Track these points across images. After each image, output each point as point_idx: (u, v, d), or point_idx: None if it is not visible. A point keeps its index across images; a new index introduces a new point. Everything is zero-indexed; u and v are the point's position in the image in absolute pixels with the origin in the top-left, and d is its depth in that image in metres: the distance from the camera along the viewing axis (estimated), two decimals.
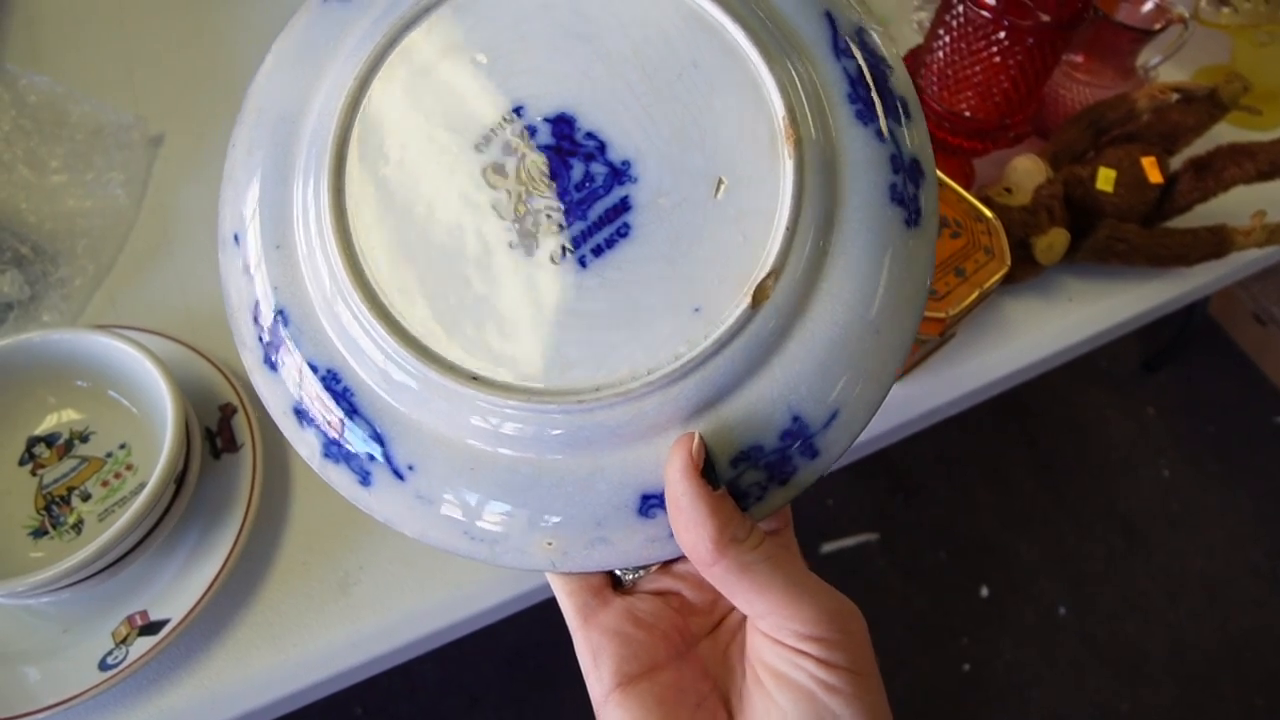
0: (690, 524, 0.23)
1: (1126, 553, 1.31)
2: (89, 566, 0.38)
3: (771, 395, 0.24)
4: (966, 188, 0.60)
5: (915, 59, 0.59)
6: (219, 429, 0.46)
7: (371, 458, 0.25)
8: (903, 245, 0.25)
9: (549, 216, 0.24)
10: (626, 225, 0.24)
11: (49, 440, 0.44)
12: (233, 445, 0.45)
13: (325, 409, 0.25)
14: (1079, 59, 0.64)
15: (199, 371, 0.47)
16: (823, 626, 0.24)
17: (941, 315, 0.47)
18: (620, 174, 0.24)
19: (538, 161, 0.24)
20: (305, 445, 0.26)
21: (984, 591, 1.25)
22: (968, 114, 0.56)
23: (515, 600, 0.45)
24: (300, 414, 0.26)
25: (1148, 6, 0.61)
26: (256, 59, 0.64)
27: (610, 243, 0.24)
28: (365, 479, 0.25)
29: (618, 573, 0.28)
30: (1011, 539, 1.30)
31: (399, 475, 0.25)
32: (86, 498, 0.43)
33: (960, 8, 0.52)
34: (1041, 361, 0.57)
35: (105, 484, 0.43)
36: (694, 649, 0.27)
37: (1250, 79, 0.61)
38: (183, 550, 0.43)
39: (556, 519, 0.24)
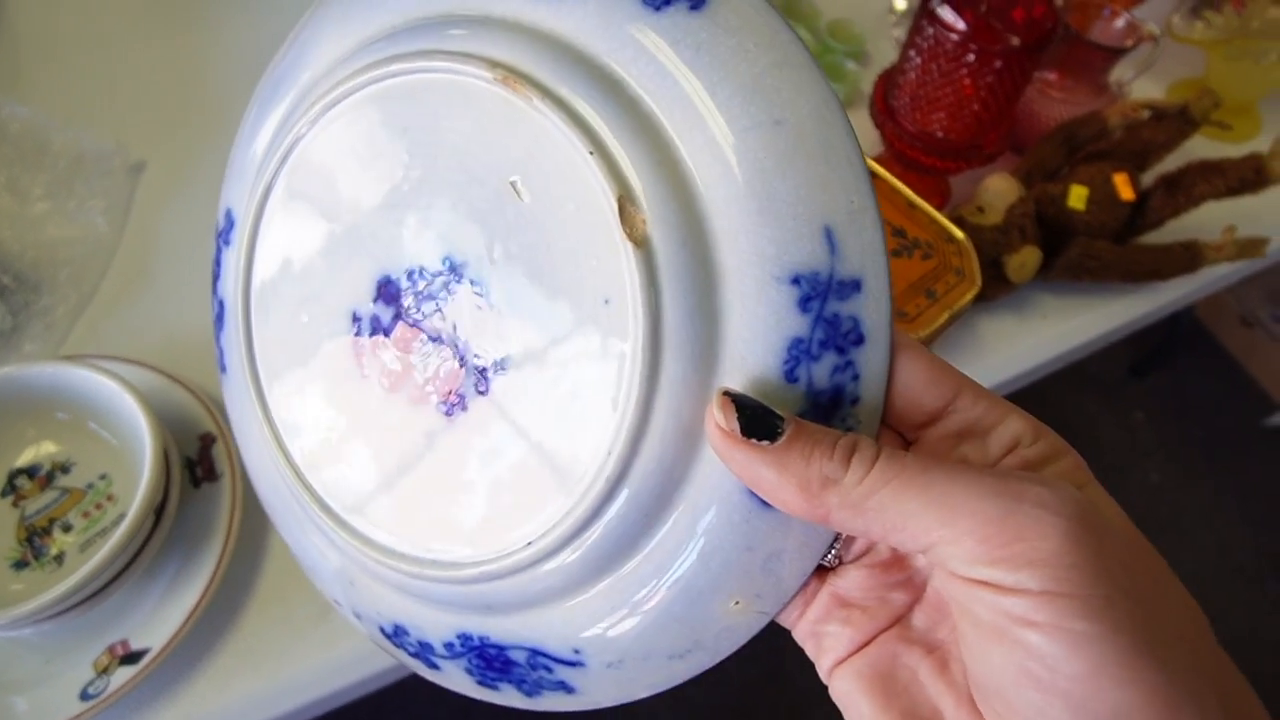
0: (770, 492, 0.20)
1: None
2: (71, 598, 0.38)
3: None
4: (941, 206, 0.61)
5: (888, 79, 0.60)
6: (199, 458, 0.46)
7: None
8: None
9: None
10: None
11: (30, 472, 0.45)
12: (212, 474, 0.46)
13: None
14: (1053, 76, 0.64)
15: (179, 401, 0.48)
16: (990, 544, 0.18)
17: (916, 337, 0.47)
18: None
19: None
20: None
21: None
22: (940, 134, 0.56)
23: None
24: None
25: (1119, 24, 0.62)
26: (237, 85, 0.65)
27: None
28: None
29: None
30: None
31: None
32: (68, 529, 0.43)
33: (930, 30, 0.52)
34: (1016, 378, 0.58)
35: (86, 515, 0.44)
36: (910, 610, 0.23)
37: (1222, 93, 0.61)
38: (163, 579, 0.43)
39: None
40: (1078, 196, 0.57)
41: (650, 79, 0.21)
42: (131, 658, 0.41)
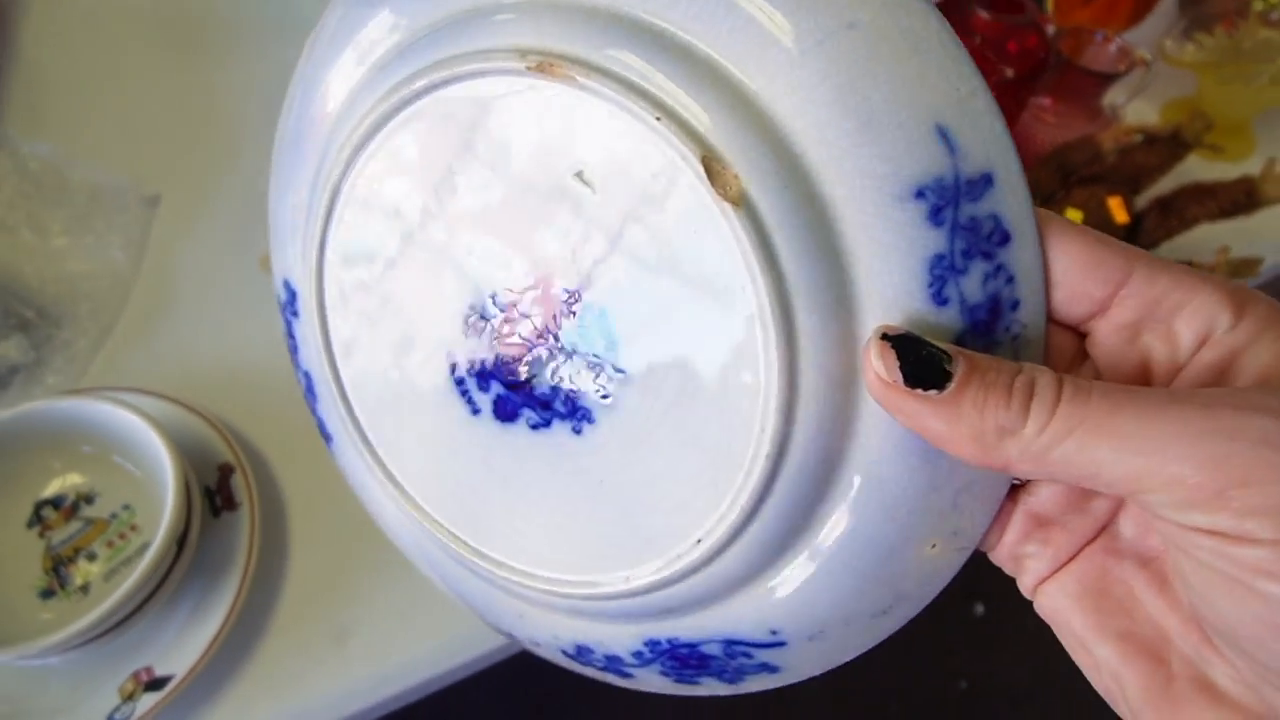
0: (943, 444, 0.18)
1: None
2: (99, 626, 0.39)
3: None
4: None
5: None
6: (218, 488, 0.48)
7: None
8: None
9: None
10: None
11: (56, 503, 0.46)
12: (231, 504, 0.47)
13: None
14: (1047, 102, 0.66)
15: (198, 432, 0.49)
16: (1206, 491, 0.16)
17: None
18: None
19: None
20: None
21: (979, 609, 1.27)
22: None
23: (510, 645, 0.47)
24: None
25: (1112, 49, 0.63)
26: (249, 115, 0.67)
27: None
28: None
29: None
30: None
31: None
32: (93, 558, 0.45)
33: None
34: None
35: (110, 544, 0.45)
36: (1115, 518, 0.21)
37: (1214, 114, 0.63)
38: (185, 607, 0.45)
39: None
40: (1073, 220, 0.58)
41: (696, 19, 0.19)
42: (156, 684, 0.42)
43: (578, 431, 0.23)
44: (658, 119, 0.19)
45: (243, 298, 0.58)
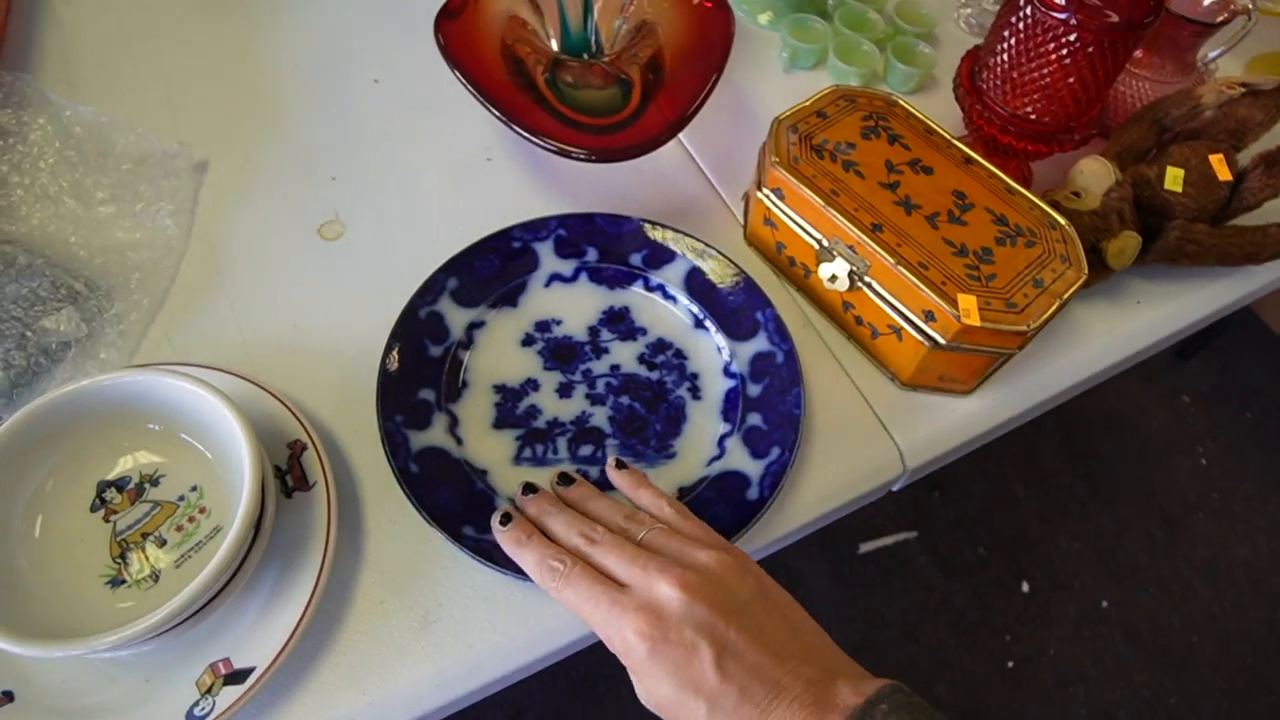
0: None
1: (1167, 545, 1.30)
2: (175, 618, 0.37)
3: None
4: (1025, 188, 0.59)
5: (975, 59, 0.58)
6: (289, 467, 0.45)
7: None
8: None
9: None
10: None
11: (119, 485, 0.43)
12: (304, 483, 0.44)
13: None
14: (1139, 54, 0.62)
15: (265, 408, 0.46)
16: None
17: (1023, 328, 0.45)
18: None
19: None
20: None
21: (1025, 587, 1.25)
22: (1033, 117, 0.54)
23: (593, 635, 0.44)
24: None
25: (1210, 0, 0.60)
26: (295, 81, 0.64)
27: None
28: None
29: None
30: (1050, 533, 1.29)
31: None
32: (161, 544, 0.42)
33: (1027, 9, 0.50)
34: (1113, 366, 0.56)
35: (179, 529, 0.43)
36: None
37: None
38: (260, 594, 0.42)
39: None
40: (1174, 179, 0.55)
41: None
42: (236, 676, 0.40)
43: None
44: None
45: (299, 267, 0.55)
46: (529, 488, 0.43)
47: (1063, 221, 0.49)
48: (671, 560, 0.37)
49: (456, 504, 0.44)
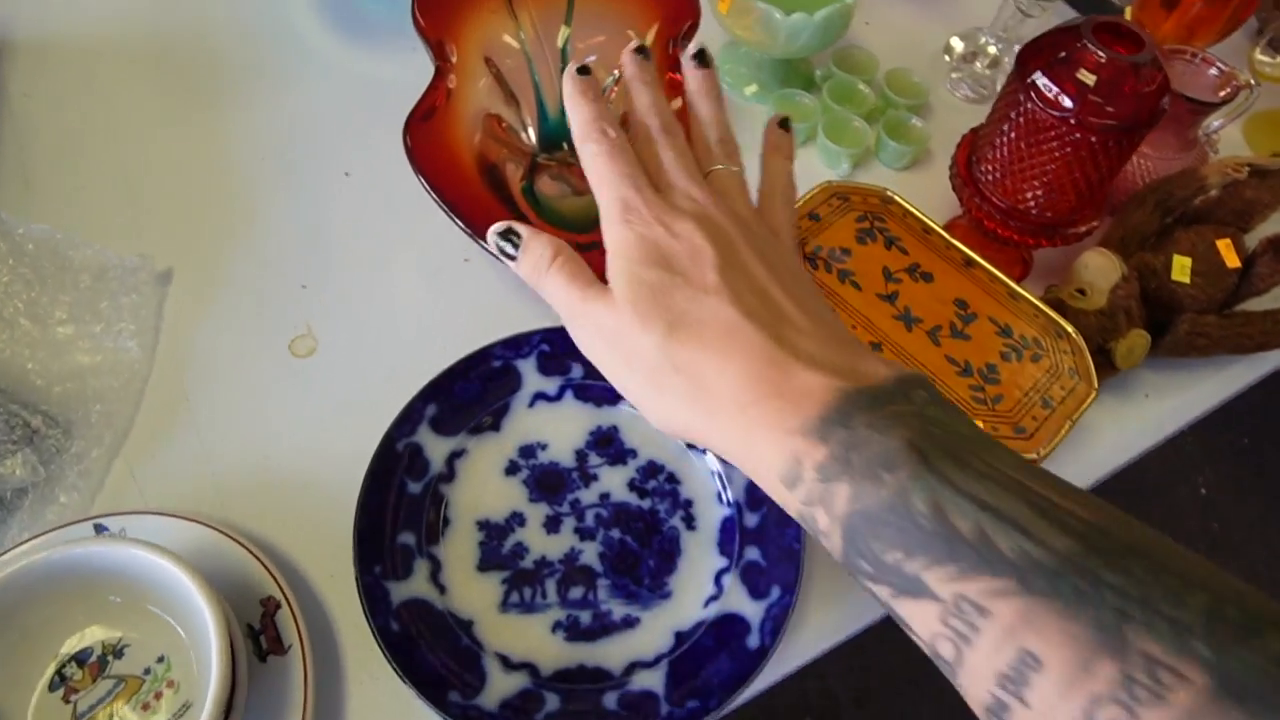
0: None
1: None
2: None
3: None
4: (1021, 278, 0.57)
5: (973, 146, 0.56)
6: (263, 626, 0.42)
7: None
8: None
9: None
10: None
11: (80, 659, 0.41)
12: (279, 646, 0.42)
13: None
14: None
15: (236, 561, 0.44)
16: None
17: (1033, 456, 0.43)
18: None
19: None
20: None
21: None
22: (1033, 211, 0.52)
23: None
24: None
25: (1211, 73, 0.58)
26: (262, 175, 0.61)
27: None
28: None
29: None
30: None
31: None
32: None
33: (1028, 104, 0.48)
34: (1125, 465, 0.54)
35: (146, 706, 0.40)
36: None
37: None
38: None
39: None
40: (1181, 268, 0.53)
41: None
42: None
43: None
44: None
45: (270, 390, 0.52)
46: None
47: (1070, 329, 0.47)
48: (718, 198, 0.34)
49: (442, 664, 0.42)
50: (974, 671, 0.24)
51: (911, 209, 0.52)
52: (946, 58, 0.73)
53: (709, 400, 0.28)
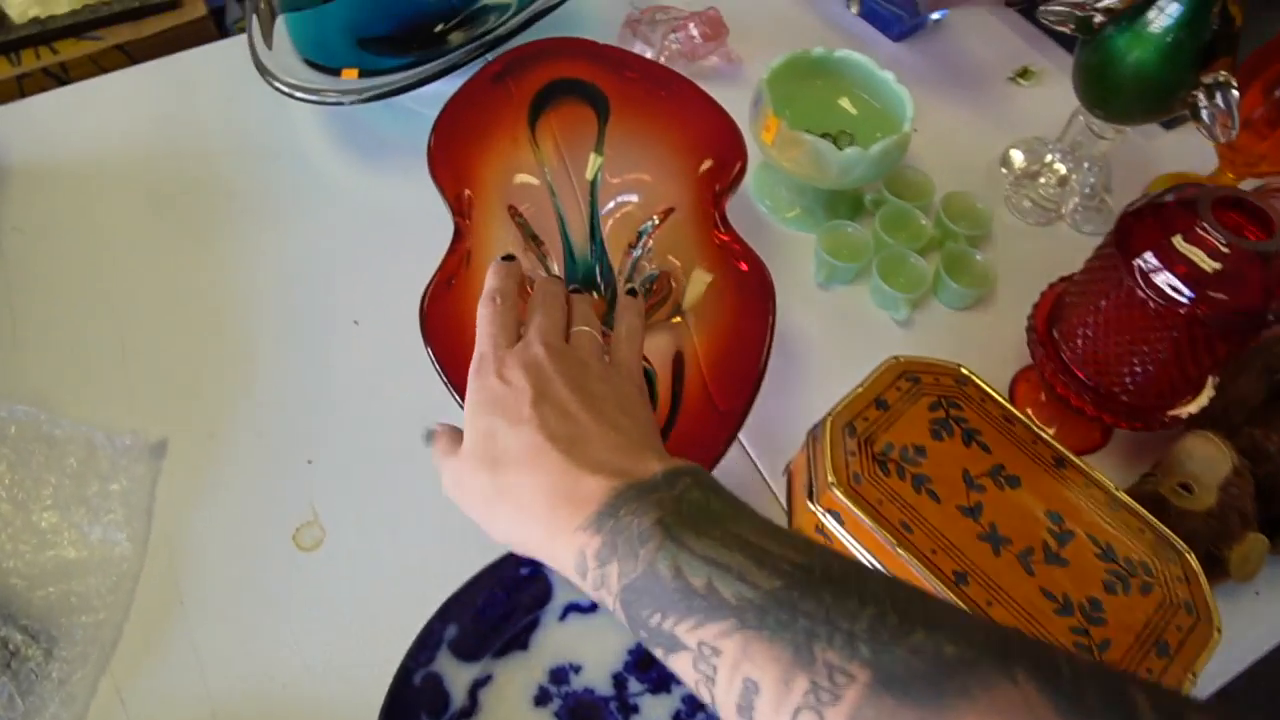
0: None
1: None
2: None
3: None
4: (1091, 451, 0.51)
5: (1056, 304, 0.50)
6: None
7: None
8: None
9: None
10: None
11: None
12: None
13: None
14: None
15: None
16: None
17: None
18: None
19: None
20: None
21: None
22: (1122, 396, 0.46)
23: None
24: None
25: None
26: (265, 324, 0.56)
27: None
28: None
29: None
30: None
31: None
32: None
33: (1131, 284, 0.42)
34: (1242, 672, 0.47)
35: None
36: None
37: None
38: None
39: None
40: None
41: None
42: None
43: None
44: None
45: (273, 591, 0.47)
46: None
47: (1182, 547, 0.41)
48: (570, 349, 0.40)
49: None
50: (722, 707, 0.28)
51: (991, 392, 0.46)
52: (1004, 170, 0.67)
53: (525, 515, 0.34)
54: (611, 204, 0.57)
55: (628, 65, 0.58)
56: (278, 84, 0.56)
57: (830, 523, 0.43)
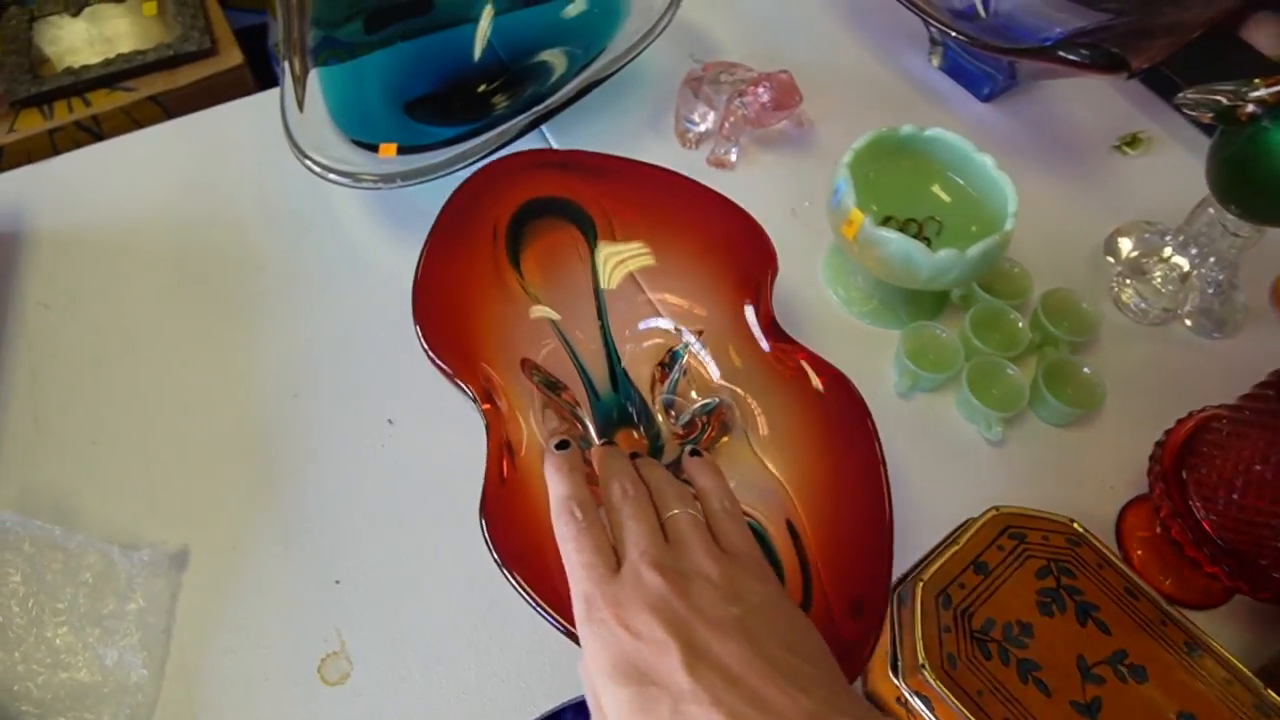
0: None
1: None
2: None
3: None
4: (1219, 604, 0.45)
5: (1189, 446, 0.44)
6: None
7: None
8: None
9: None
10: None
11: None
12: None
13: None
14: None
15: None
16: None
17: None
18: None
19: None
20: None
21: None
22: (1263, 562, 0.40)
23: None
24: None
25: None
26: (294, 413, 0.51)
27: None
28: None
29: None
30: None
31: None
32: None
33: None
34: None
35: None
36: None
37: None
38: None
39: None
40: None
41: None
42: None
43: None
44: None
45: (311, 715, 0.43)
46: (609, 442, 0.44)
47: None
48: (679, 553, 0.35)
49: None
50: None
51: (1110, 556, 0.40)
52: (1110, 259, 0.60)
53: None
54: (627, 331, 0.50)
55: (608, 171, 0.51)
56: (309, 163, 0.52)
57: (918, 705, 0.38)
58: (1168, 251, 0.57)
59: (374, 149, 0.53)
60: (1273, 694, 0.37)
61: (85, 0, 0.75)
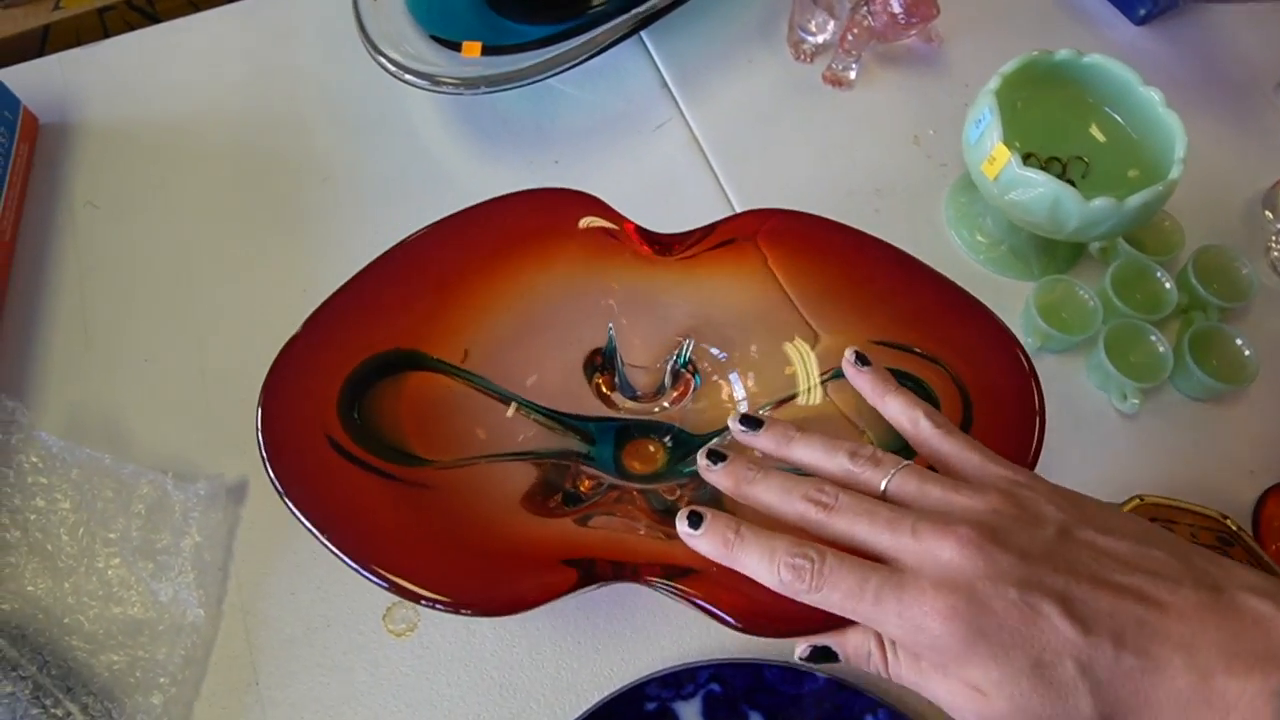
0: None
1: None
2: None
3: None
4: None
5: None
6: None
7: None
8: None
9: None
10: None
11: None
12: None
13: None
14: None
15: None
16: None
17: None
18: None
19: None
20: None
21: None
22: None
23: None
24: None
25: None
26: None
27: None
28: None
29: None
30: None
31: None
32: None
33: None
34: None
35: None
36: None
37: None
38: None
39: None
40: None
41: None
42: None
43: None
44: None
45: (358, 689, 0.41)
46: (714, 455, 0.33)
47: None
48: (942, 513, 0.29)
49: None
50: None
51: (1264, 557, 0.35)
52: (1269, 214, 0.53)
53: None
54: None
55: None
56: (383, 60, 0.46)
57: None
58: None
59: (456, 47, 0.47)
60: None
61: None
